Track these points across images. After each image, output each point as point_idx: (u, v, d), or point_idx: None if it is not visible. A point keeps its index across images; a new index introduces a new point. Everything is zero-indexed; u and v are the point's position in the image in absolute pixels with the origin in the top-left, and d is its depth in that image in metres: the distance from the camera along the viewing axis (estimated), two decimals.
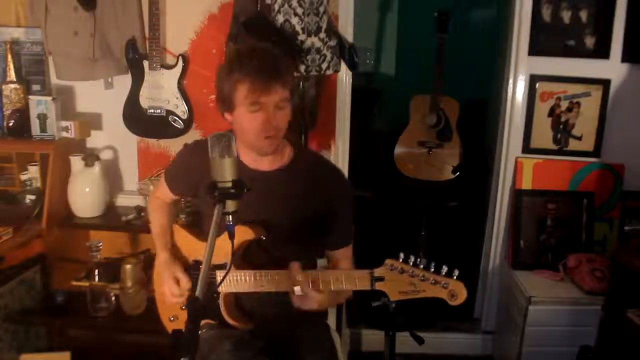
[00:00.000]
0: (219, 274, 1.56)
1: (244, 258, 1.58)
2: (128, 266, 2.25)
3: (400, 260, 1.38)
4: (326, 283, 1.45)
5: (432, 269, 1.36)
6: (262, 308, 1.63)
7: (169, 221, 1.79)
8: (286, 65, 1.47)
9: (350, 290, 1.61)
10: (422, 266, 1.36)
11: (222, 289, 1.56)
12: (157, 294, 1.81)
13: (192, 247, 1.71)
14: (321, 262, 1.80)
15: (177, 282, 1.64)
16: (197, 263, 1.66)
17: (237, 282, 1.52)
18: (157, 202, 1.82)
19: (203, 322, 1.63)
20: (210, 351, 1.54)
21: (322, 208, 1.58)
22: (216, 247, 1.20)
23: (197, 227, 1.77)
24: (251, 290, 1.52)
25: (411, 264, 1.37)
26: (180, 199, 1.87)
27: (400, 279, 1.37)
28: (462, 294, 1.36)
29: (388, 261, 1.38)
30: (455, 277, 1.35)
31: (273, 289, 1.50)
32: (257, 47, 1.52)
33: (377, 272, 1.39)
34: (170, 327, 1.75)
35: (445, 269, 1.36)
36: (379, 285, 1.39)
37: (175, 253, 1.73)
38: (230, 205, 1.25)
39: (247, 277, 1.51)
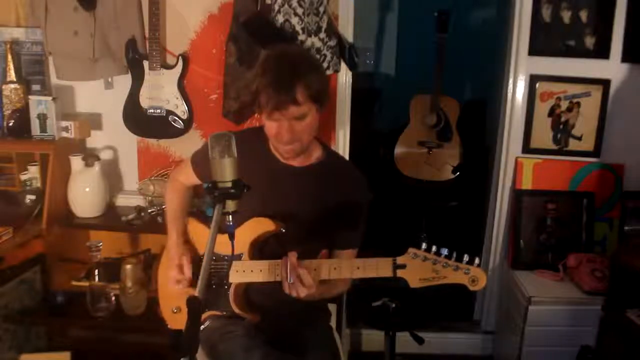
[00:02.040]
0: (233, 264, 1.59)
1: (261, 249, 1.61)
2: (128, 266, 2.25)
3: (423, 249, 1.42)
4: (346, 271, 1.48)
5: (454, 258, 1.41)
6: (270, 303, 1.65)
7: (184, 205, 1.82)
8: (307, 80, 1.44)
9: (345, 286, 1.68)
10: (444, 254, 1.41)
11: (235, 279, 1.58)
12: (161, 285, 1.82)
13: (205, 238, 1.72)
14: None
15: (181, 268, 1.66)
16: (213, 255, 1.67)
17: (251, 272, 1.56)
18: (176, 184, 1.84)
19: (207, 314, 1.66)
20: (221, 337, 1.58)
21: (342, 209, 1.61)
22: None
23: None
24: (265, 280, 1.55)
25: (433, 252, 1.42)
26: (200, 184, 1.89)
27: (423, 266, 1.41)
28: (482, 280, 1.41)
29: (411, 250, 1.43)
30: (476, 265, 1.40)
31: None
32: (282, 56, 1.49)
33: (400, 259, 1.43)
34: (173, 319, 1.76)
35: (466, 257, 1.40)
36: (400, 273, 1.43)
37: (189, 243, 1.75)
38: (230, 205, 1.26)
39: (263, 267, 1.55)
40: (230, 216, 1.27)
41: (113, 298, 2.28)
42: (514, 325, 2.41)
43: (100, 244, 2.26)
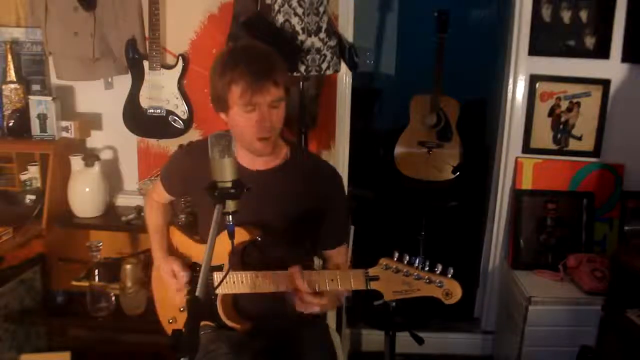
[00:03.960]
0: (216, 276, 1.56)
1: (240, 259, 1.57)
2: (128, 266, 2.25)
3: (395, 259, 1.35)
4: (320, 283, 1.42)
5: (427, 268, 1.33)
6: (260, 309, 1.62)
7: (165, 222, 1.79)
8: (279, 64, 1.46)
9: (346, 290, 1.61)
10: (416, 265, 1.34)
11: (220, 290, 1.55)
12: (156, 297, 1.81)
13: (187, 248, 1.71)
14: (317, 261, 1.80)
15: (174, 275, 1.63)
16: (195, 265, 1.65)
17: (233, 283, 1.52)
18: (153, 203, 1.81)
19: (203, 323, 1.63)
20: (206, 354, 1.53)
21: (317, 207, 1.57)
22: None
23: (194, 227, 1.77)
24: (248, 291, 1.51)
25: (406, 262, 1.34)
26: (178, 200, 1.86)
27: (395, 278, 1.34)
28: (456, 293, 1.32)
29: (382, 260, 1.35)
30: (449, 276, 1.32)
31: (270, 290, 1.49)
32: (249, 46, 1.52)
33: (372, 271, 1.36)
34: (169, 329, 1.75)
35: (439, 267, 1.33)
36: (373, 285, 1.37)
37: (173, 253, 1.73)
38: (231, 205, 1.25)
39: (244, 278, 1.51)
40: (230, 216, 1.26)
41: (113, 298, 2.28)
42: (514, 325, 2.41)
43: (100, 244, 2.26)
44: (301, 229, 1.57)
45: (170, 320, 1.73)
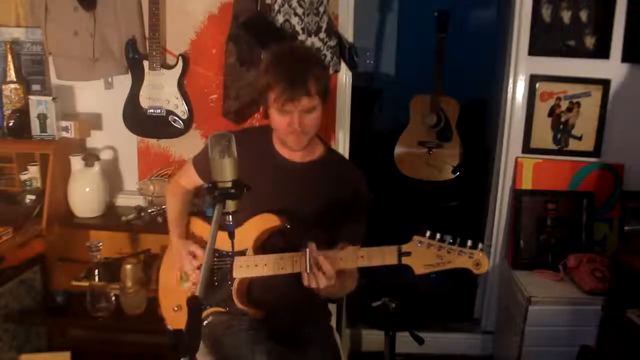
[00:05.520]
0: (237, 260, 1.60)
1: (265, 245, 1.63)
2: (128, 266, 2.25)
3: (427, 236, 1.44)
4: (349, 260, 1.49)
5: (458, 243, 1.43)
6: (272, 299, 1.66)
7: (184, 209, 1.84)
8: (317, 73, 1.52)
9: (353, 285, 1.67)
10: (448, 241, 1.43)
11: (240, 274, 1.60)
12: (163, 284, 1.83)
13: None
14: None
15: (194, 256, 1.69)
16: (216, 251, 1.68)
17: (255, 266, 1.57)
18: (177, 188, 1.86)
19: (210, 311, 1.68)
20: (225, 331, 1.60)
21: (344, 204, 1.64)
22: (238, 233, 1.29)
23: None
24: (270, 273, 1.56)
25: (437, 239, 1.44)
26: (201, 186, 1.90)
27: (427, 253, 1.43)
28: (485, 263, 1.43)
29: (416, 237, 1.45)
30: (479, 250, 1.42)
31: (288, 270, 1.53)
32: (294, 52, 1.59)
33: (405, 247, 1.45)
34: (173, 318, 1.77)
35: (470, 242, 1.43)
36: (405, 260, 1.44)
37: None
38: (230, 205, 1.26)
39: (267, 262, 1.56)
40: (230, 216, 1.28)
41: (113, 298, 2.28)
42: (514, 325, 2.41)
43: (100, 244, 2.26)
44: (326, 222, 1.62)
45: (176, 308, 1.75)
